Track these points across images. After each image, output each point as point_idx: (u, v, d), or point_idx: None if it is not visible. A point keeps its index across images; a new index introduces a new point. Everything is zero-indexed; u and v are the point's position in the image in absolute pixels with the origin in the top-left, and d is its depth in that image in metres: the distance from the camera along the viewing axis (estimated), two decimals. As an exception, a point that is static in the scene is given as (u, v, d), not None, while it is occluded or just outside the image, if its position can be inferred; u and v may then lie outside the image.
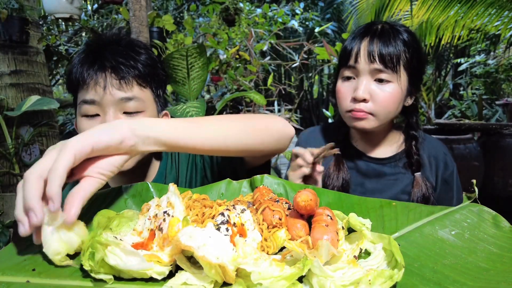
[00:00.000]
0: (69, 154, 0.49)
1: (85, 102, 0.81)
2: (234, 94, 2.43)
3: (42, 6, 2.58)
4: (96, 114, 0.82)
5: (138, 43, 0.90)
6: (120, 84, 0.80)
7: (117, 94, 0.80)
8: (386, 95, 0.95)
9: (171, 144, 0.62)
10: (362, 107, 0.96)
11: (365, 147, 1.12)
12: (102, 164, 0.54)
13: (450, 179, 1.06)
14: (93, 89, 0.79)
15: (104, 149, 0.54)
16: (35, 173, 0.49)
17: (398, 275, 0.42)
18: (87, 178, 0.54)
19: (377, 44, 0.94)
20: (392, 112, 0.99)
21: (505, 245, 0.53)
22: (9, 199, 2.41)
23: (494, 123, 3.95)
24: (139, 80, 0.84)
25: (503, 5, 4.29)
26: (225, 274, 0.43)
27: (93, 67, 0.80)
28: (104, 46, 0.84)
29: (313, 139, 1.20)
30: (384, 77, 0.95)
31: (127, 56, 0.83)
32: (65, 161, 0.48)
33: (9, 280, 0.46)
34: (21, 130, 2.44)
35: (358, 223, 0.54)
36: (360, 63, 0.96)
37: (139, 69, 0.84)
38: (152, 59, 0.89)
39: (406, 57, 0.96)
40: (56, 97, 4.16)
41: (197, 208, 0.56)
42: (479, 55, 7.10)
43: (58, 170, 0.48)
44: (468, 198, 0.64)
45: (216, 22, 3.13)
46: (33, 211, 0.47)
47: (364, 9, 5.56)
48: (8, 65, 2.45)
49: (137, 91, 0.83)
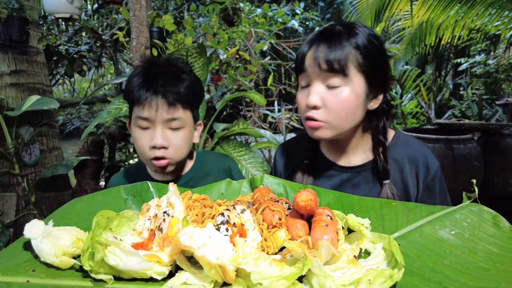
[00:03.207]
0: None
1: (141, 118, 1.01)
2: (234, 94, 2.43)
3: (42, 6, 2.58)
4: (148, 127, 1.02)
5: (184, 68, 1.08)
6: (168, 107, 1.00)
7: (165, 115, 1.00)
8: (338, 101, 0.89)
9: None
10: (315, 114, 0.91)
11: (335, 156, 1.06)
12: None
13: (432, 184, 0.98)
14: (148, 109, 0.99)
15: None
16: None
17: (398, 275, 0.42)
18: None
19: (323, 48, 0.89)
20: (348, 118, 0.92)
21: (505, 245, 0.53)
22: (9, 199, 2.41)
23: (494, 123, 3.94)
24: (182, 104, 1.03)
25: (503, 5, 4.29)
26: (225, 274, 0.43)
27: (149, 91, 1.00)
28: (157, 74, 1.03)
29: (291, 150, 1.16)
30: (334, 83, 0.89)
31: (174, 85, 1.02)
32: None
33: (9, 280, 0.46)
34: (21, 130, 2.44)
35: (357, 223, 0.54)
36: (308, 69, 0.91)
37: (183, 95, 1.03)
38: (194, 83, 1.07)
39: (357, 59, 0.89)
40: (56, 97, 4.16)
41: (197, 208, 0.56)
42: (479, 55, 7.10)
43: None
44: (468, 198, 0.64)
45: (216, 22, 3.13)
46: None
47: (364, 9, 5.56)
48: (8, 65, 2.45)
49: (181, 112, 1.03)
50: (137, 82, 1.02)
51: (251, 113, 3.60)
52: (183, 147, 1.06)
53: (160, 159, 1.02)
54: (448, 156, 2.90)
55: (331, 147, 1.06)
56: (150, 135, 1.01)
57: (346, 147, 1.02)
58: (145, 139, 1.02)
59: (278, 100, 4.30)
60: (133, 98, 1.02)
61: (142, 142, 1.03)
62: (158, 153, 1.01)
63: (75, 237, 0.51)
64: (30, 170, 2.49)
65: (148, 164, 1.08)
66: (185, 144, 1.07)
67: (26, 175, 2.45)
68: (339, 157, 1.05)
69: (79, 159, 2.51)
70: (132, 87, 1.03)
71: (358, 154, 1.03)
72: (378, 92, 0.95)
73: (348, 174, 1.03)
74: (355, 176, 1.02)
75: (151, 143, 1.00)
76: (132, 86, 1.03)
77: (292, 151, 1.16)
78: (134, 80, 1.04)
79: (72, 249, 0.50)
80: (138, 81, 1.03)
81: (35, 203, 2.46)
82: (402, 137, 1.03)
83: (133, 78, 1.04)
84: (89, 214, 0.60)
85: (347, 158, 1.03)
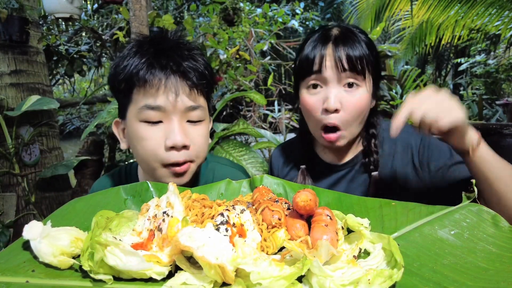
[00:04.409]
0: None
1: (150, 108, 0.75)
2: (234, 94, 2.43)
3: (42, 6, 2.58)
4: (159, 121, 0.76)
5: (194, 45, 0.84)
6: (189, 91, 0.76)
7: (187, 102, 0.76)
8: (356, 102, 0.88)
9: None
10: (335, 120, 0.89)
11: (331, 157, 1.05)
12: None
13: (425, 141, 0.95)
14: (163, 94, 0.74)
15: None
16: None
17: (397, 274, 0.42)
18: None
19: (344, 49, 0.87)
20: (362, 118, 0.93)
21: (504, 245, 0.53)
22: (9, 199, 2.41)
23: (494, 123, 3.94)
24: (204, 89, 0.80)
25: (503, 5, 4.29)
26: (225, 274, 0.43)
27: (164, 70, 0.74)
28: (168, 49, 0.78)
29: (286, 154, 1.15)
30: (354, 83, 0.88)
31: (193, 62, 0.78)
32: None
33: (9, 280, 0.46)
34: (21, 130, 2.44)
35: (356, 223, 0.54)
36: (327, 71, 0.88)
37: (204, 76, 0.79)
38: (208, 64, 0.83)
39: (371, 59, 0.90)
40: (56, 97, 4.16)
41: (196, 208, 0.56)
42: (479, 55, 7.11)
43: None
44: (467, 198, 0.64)
45: (216, 22, 3.13)
46: None
47: (364, 9, 5.56)
48: (8, 65, 2.45)
49: (202, 99, 0.81)
50: (141, 60, 0.76)
51: (251, 113, 3.60)
52: (205, 147, 0.84)
53: (182, 164, 0.78)
54: (448, 156, 2.89)
55: (328, 149, 1.05)
56: (165, 132, 0.77)
57: (344, 147, 1.01)
58: (157, 138, 0.77)
59: (278, 100, 4.30)
60: (135, 82, 0.75)
61: (153, 142, 0.76)
62: (179, 156, 0.77)
63: (74, 237, 0.51)
64: (30, 170, 2.49)
65: (158, 171, 0.80)
66: (207, 143, 0.85)
67: (26, 175, 2.46)
68: (335, 156, 1.05)
69: (79, 159, 2.51)
70: (133, 68, 0.76)
71: (351, 150, 1.04)
72: (377, 91, 0.98)
73: (343, 171, 1.03)
74: (350, 171, 1.03)
75: (169, 142, 0.75)
76: (133, 67, 0.76)
77: (287, 155, 1.15)
78: (133, 60, 0.77)
79: (70, 249, 0.50)
80: (143, 59, 0.76)
81: (35, 203, 2.46)
82: (384, 124, 1.03)
83: (132, 58, 0.77)
84: (88, 214, 0.60)
85: (341, 156, 1.04)
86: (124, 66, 0.77)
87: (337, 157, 1.05)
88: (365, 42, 0.91)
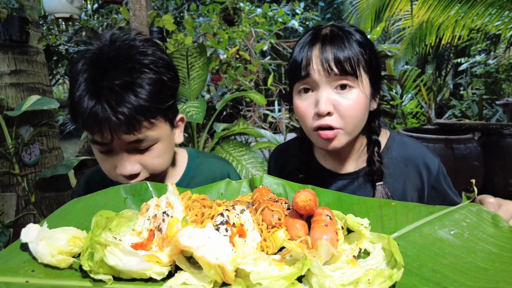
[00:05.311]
0: None
1: (96, 143, 0.76)
2: (234, 94, 2.43)
3: (42, 5, 2.58)
4: (108, 151, 0.77)
5: (141, 57, 0.75)
6: (127, 128, 0.72)
7: (126, 138, 0.74)
8: (349, 104, 0.84)
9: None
10: (329, 122, 0.84)
11: (333, 164, 1.00)
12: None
13: (436, 184, 0.95)
14: (99, 133, 0.73)
15: None
16: None
17: (397, 274, 0.42)
18: None
19: (331, 49, 0.83)
20: (360, 121, 0.88)
21: (504, 245, 0.53)
22: (9, 199, 2.41)
23: (494, 123, 3.95)
24: (149, 116, 0.75)
25: (503, 5, 4.29)
26: (224, 275, 0.43)
27: (97, 106, 0.70)
28: (103, 73, 0.72)
29: (285, 158, 1.12)
30: (345, 85, 0.84)
31: (130, 91, 0.71)
32: None
33: (9, 280, 0.46)
34: (21, 130, 2.44)
35: (356, 223, 0.54)
36: (315, 74, 0.84)
37: (146, 105, 0.73)
38: (159, 73, 0.76)
39: (364, 59, 0.85)
40: (56, 97, 4.16)
41: (196, 208, 0.56)
42: (479, 55, 7.11)
43: None
44: (467, 198, 0.64)
45: (217, 22, 3.13)
46: None
47: (364, 9, 5.56)
48: (8, 65, 2.45)
49: (147, 129, 0.76)
50: (79, 89, 0.72)
51: (251, 113, 3.60)
52: (161, 163, 0.83)
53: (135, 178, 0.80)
54: (449, 156, 2.90)
55: (328, 155, 1.02)
56: (114, 161, 0.78)
57: (344, 153, 0.98)
58: (109, 164, 0.79)
59: (278, 100, 4.31)
60: (77, 112, 0.73)
61: (107, 167, 0.80)
62: (130, 179, 0.79)
63: (71, 236, 0.51)
64: (30, 170, 2.49)
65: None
66: (164, 158, 0.84)
67: (26, 175, 2.46)
68: (336, 164, 1.01)
69: (79, 159, 2.51)
70: (74, 95, 0.73)
71: (354, 159, 0.99)
72: (377, 92, 0.93)
73: (344, 181, 0.99)
74: (352, 183, 0.98)
75: (119, 171, 0.78)
76: (73, 94, 0.73)
77: (287, 159, 1.11)
78: (77, 88, 0.73)
79: (68, 248, 0.50)
80: (81, 85, 0.72)
81: (35, 203, 2.46)
82: (398, 138, 0.99)
83: (76, 76, 0.74)
84: (88, 214, 0.60)
85: (343, 164, 1.00)
86: (72, 99, 0.75)
87: (338, 164, 1.00)
88: (357, 41, 0.86)
